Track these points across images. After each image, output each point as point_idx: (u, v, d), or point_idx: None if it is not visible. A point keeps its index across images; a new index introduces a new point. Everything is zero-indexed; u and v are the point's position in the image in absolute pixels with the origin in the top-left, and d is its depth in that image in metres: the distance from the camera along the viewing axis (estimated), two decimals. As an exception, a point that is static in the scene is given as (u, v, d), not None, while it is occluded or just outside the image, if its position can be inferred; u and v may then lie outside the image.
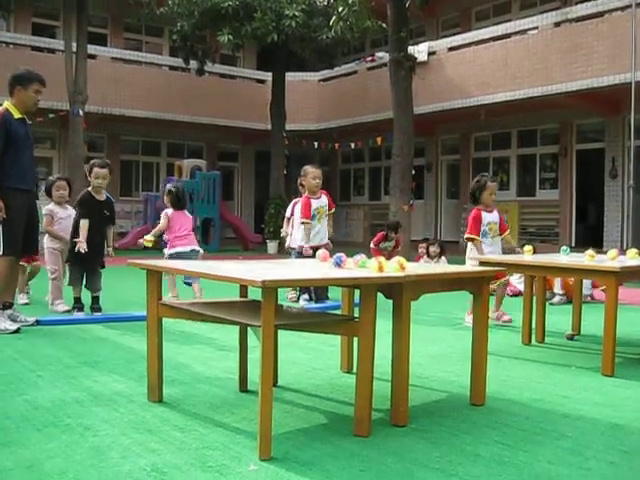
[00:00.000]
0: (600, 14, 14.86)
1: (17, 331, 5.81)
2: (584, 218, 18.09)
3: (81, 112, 17.44)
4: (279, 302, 3.77)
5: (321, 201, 7.99)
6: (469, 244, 6.94)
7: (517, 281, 9.34)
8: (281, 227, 9.74)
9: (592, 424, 3.50)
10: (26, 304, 7.44)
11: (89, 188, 6.99)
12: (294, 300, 8.31)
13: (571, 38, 15.18)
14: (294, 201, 8.76)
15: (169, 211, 7.72)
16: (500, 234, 7.04)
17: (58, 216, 7.32)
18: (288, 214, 8.81)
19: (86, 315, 6.73)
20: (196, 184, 19.17)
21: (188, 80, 20.69)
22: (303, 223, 7.90)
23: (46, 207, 7.41)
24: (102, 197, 6.95)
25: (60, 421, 3.34)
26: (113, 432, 3.19)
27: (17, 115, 6.01)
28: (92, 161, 7.20)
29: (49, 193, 7.48)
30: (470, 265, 5.97)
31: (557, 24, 15.68)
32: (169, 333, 5.14)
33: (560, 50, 15.31)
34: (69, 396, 3.80)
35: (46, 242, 7.32)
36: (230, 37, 17.58)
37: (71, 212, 7.32)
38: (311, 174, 7.95)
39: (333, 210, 8.23)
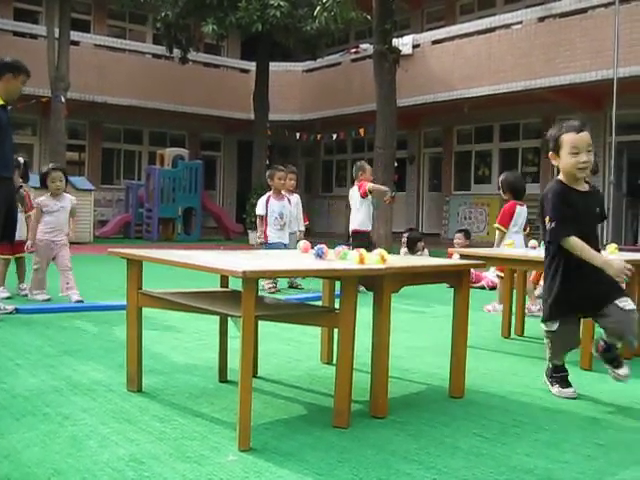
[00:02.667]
0: (584, 10, 14.95)
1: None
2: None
3: (63, 99, 17.31)
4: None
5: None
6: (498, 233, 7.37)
7: (493, 275, 9.37)
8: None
9: (569, 417, 3.53)
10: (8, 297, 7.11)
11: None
12: (272, 291, 8.24)
13: (555, 33, 15.25)
14: (265, 198, 8.62)
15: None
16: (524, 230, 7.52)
17: (47, 209, 7.05)
18: (262, 212, 8.50)
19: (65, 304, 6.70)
20: (178, 173, 19.12)
21: (171, 68, 20.62)
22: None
23: (37, 199, 7.20)
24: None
25: (38, 410, 3.32)
26: (92, 421, 3.18)
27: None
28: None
29: (44, 184, 7.16)
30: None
31: (541, 19, 15.75)
32: (149, 323, 5.13)
33: (544, 45, 15.38)
34: (48, 385, 3.78)
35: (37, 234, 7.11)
36: (214, 27, 17.51)
37: (64, 204, 7.12)
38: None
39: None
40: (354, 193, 8.87)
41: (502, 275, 6.77)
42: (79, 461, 2.69)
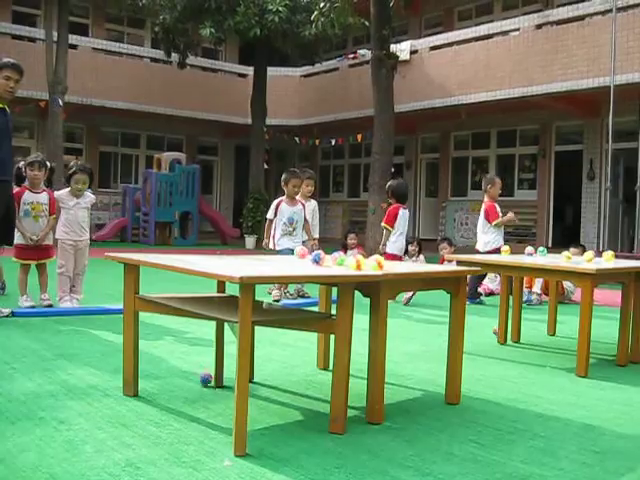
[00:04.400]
0: (581, 18, 14.99)
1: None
2: (561, 219, 18.23)
3: (61, 102, 17.31)
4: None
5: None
6: None
7: (490, 281, 9.38)
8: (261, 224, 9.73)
9: (565, 424, 3.53)
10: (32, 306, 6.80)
11: None
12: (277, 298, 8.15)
13: (552, 40, 15.29)
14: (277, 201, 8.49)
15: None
16: None
17: (63, 205, 6.84)
18: (270, 216, 8.31)
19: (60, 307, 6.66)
20: (175, 177, 19.12)
21: (169, 73, 20.62)
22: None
23: (56, 194, 6.99)
24: None
25: (34, 414, 3.32)
26: (88, 426, 3.18)
27: None
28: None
29: (68, 181, 6.93)
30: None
31: (539, 26, 15.79)
32: (145, 327, 5.12)
33: (541, 52, 15.41)
34: (44, 389, 3.77)
35: (57, 234, 6.90)
36: (212, 31, 17.53)
37: (81, 201, 6.90)
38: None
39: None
40: (481, 213, 8.81)
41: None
42: (75, 466, 2.69)
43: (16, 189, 6.71)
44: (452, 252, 9.93)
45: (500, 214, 8.54)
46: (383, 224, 8.51)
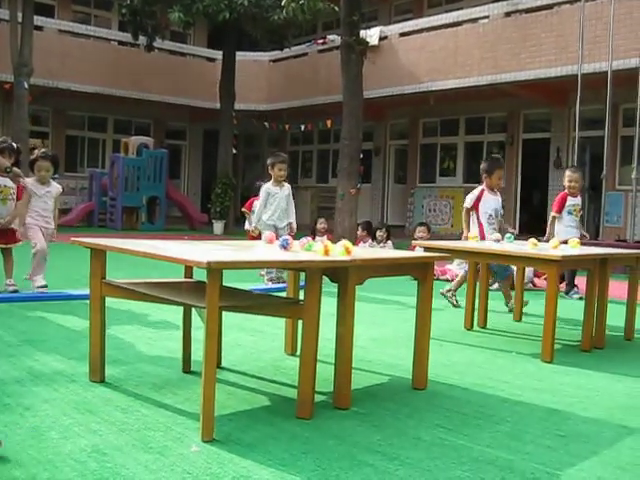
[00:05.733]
0: (549, 6, 15.09)
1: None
2: (529, 206, 18.39)
3: (26, 85, 17.05)
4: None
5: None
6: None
7: (457, 267, 9.44)
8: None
9: (531, 409, 3.58)
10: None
11: None
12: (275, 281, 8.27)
13: (521, 29, 15.37)
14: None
15: None
16: None
17: (33, 192, 6.74)
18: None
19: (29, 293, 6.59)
20: (142, 162, 18.94)
21: (137, 56, 20.41)
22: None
23: (25, 181, 6.77)
24: None
25: (-2, 400, 3.29)
26: (53, 412, 3.15)
27: None
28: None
29: (31, 168, 6.86)
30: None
31: (508, 14, 15.86)
32: (112, 312, 5.09)
33: (510, 40, 15.49)
34: (9, 375, 3.73)
35: (27, 220, 6.76)
36: (181, 15, 17.35)
37: (51, 189, 6.85)
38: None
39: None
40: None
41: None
42: (40, 452, 2.66)
43: None
44: (428, 238, 9.98)
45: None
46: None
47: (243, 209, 9.77)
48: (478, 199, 6.89)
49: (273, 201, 8.06)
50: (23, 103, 17.20)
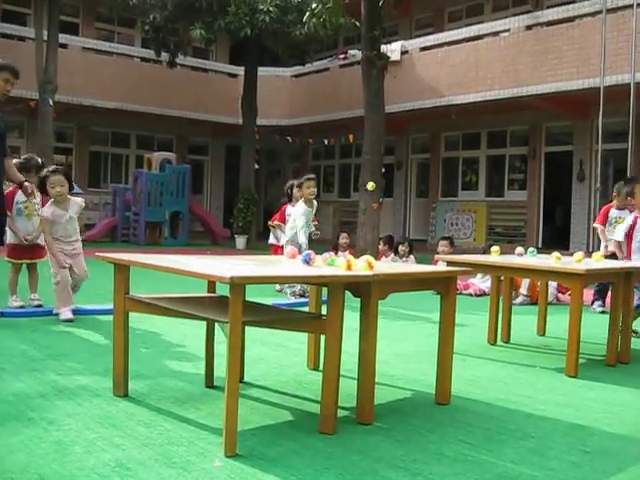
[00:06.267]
0: (571, 19, 15.03)
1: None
2: (551, 220, 18.28)
3: (51, 101, 17.24)
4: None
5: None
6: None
7: (480, 281, 9.40)
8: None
9: (555, 424, 3.55)
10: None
11: None
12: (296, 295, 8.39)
13: (542, 41, 15.33)
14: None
15: None
16: None
17: (55, 220, 6.27)
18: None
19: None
20: (165, 177, 19.06)
21: (159, 72, 20.57)
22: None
23: (42, 211, 6.36)
24: None
25: (23, 415, 3.30)
26: (77, 427, 3.17)
27: None
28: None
29: (43, 189, 6.31)
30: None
31: (529, 27, 15.82)
32: (136, 327, 5.11)
33: (531, 53, 15.45)
34: (33, 390, 3.76)
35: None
36: (202, 32, 17.47)
37: (72, 211, 6.33)
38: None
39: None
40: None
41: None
42: (64, 467, 2.68)
43: (9, 189, 6.63)
44: (450, 252, 9.92)
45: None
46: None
47: (275, 222, 9.47)
48: (632, 227, 6.39)
49: (307, 221, 8.06)
50: (48, 120, 17.41)
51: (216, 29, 17.69)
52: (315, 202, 8.45)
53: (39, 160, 6.96)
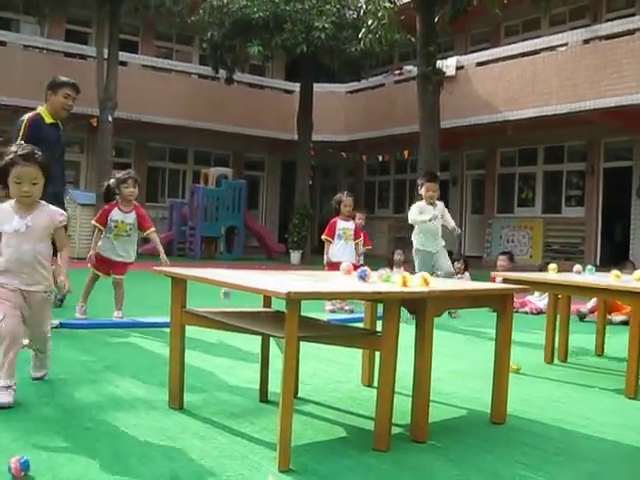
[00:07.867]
0: (631, 32, 14.79)
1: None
2: (610, 237, 17.96)
3: (110, 118, 17.60)
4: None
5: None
6: None
7: (537, 299, 9.27)
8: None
9: (614, 447, 3.47)
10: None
11: None
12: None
13: (600, 55, 15.12)
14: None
15: None
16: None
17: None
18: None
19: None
20: (221, 192, 19.27)
21: (217, 89, 20.85)
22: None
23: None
24: None
25: (81, 425, 3.36)
26: (133, 438, 3.21)
27: (49, 120, 6.12)
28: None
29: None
30: None
31: (586, 41, 15.63)
32: (192, 340, 5.16)
33: (589, 67, 15.25)
34: (90, 400, 3.82)
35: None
36: (260, 49, 17.68)
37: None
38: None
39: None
40: None
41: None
42: (120, 477, 2.71)
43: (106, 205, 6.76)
44: (510, 268, 9.77)
45: None
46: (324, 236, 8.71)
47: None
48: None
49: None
50: (107, 135, 17.76)
51: (273, 46, 17.89)
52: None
53: (135, 175, 6.92)
